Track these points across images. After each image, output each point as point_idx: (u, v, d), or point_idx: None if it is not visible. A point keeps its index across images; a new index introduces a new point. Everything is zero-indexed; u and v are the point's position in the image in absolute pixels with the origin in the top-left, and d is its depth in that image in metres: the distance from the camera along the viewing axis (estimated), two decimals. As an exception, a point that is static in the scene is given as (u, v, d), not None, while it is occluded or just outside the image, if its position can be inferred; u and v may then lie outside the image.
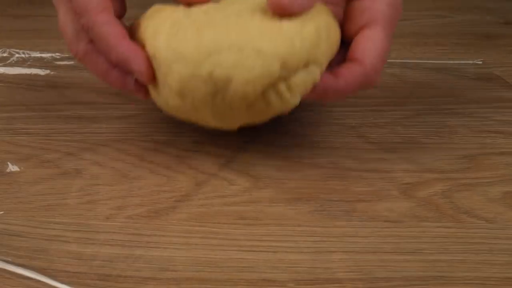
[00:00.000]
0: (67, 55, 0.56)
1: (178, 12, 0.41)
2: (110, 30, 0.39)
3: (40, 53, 0.56)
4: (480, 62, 0.56)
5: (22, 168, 0.43)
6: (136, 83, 0.40)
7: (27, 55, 0.56)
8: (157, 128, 0.48)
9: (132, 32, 0.42)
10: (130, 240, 0.38)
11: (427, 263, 0.37)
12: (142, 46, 0.41)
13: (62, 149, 0.45)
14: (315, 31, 0.39)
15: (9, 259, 0.37)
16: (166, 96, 0.40)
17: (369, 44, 0.41)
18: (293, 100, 0.39)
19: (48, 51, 0.57)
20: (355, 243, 0.38)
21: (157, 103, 0.42)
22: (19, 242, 0.38)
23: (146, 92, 0.41)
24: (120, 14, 0.42)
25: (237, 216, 0.40)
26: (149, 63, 0.39)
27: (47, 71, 0.54)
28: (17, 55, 0.56)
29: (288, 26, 0.38)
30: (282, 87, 0.39)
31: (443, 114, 0.50)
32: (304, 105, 0.43)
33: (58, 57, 0.56)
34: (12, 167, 0.43)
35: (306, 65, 0.39)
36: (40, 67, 0.55)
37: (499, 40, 0.60)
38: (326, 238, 0.39)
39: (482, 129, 0.48)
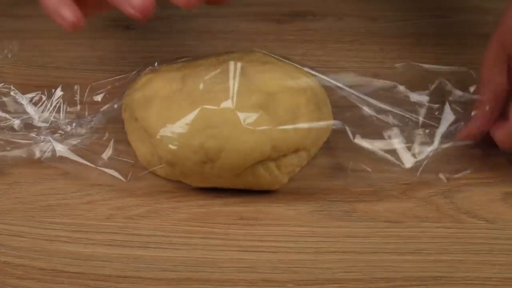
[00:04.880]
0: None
1: (171, 82, 0.41)
2: None
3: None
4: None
5: (22, 168, 0.43)
6: None
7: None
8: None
9: (126, 104, 0.44)
10: (130, 240, 0.38)
11: (427, 263, 0.37)
12: (135, 118, 0.42)
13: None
14: (308, 123, 0.40)
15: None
16: (156, 164, 0.41)
17: None
18: (282, 178, 0.41)
19: (49, 51, 0.57)
20: (355, 243, 0.38)
21: (146, 166, 0.43)
22: (19, 242, 0.38)
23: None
24: None
25: (237, 216, 0.40)
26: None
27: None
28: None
29: (284, 112, 0.40)
30: (272, 165, 0.40)
31: (443, 114, 0.49)
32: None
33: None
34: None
35: (295, 151, 0.40)
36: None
37: (499, 40, 0.60)
38: (326, 238, 0.39)
39: (482, 129, 0.48)
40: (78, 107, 0.46)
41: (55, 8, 0.36)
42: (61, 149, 0.42)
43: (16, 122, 0.45)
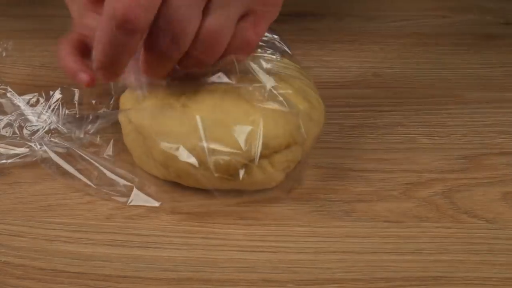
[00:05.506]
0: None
1: (165, 84, 0.41)
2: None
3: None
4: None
5: (22, 168, 0.43)
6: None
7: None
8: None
9: (121, 105, 0.44)
10: (130, 240, 0.38)
11: (427, 263, 0.37)
12: (129, 119, 0.42)
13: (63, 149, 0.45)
14: (297, 117, 0.40)
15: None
16: (151, 166, 0.41)
17: None
18: (277, 175, 0.41)
19: (48, 51, 0.57)
20: (355, 243, 0.38)
21: (142, 167, 0.43)
22: (19, 242, 0.38)
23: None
24: None
25: (237, 216, 0.40)
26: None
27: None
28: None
29: (273, 108, 0.40)
30: (265, 162, 0.40)
31: (443, 114, 0.50)
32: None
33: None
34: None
35: (288, 146, 0.40)
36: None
37: (499, 40, 0.60)
38: (326, 238, 0.39)
39: (482, 129, 0.48)
40: (77, 108, 0.46)
41: (74, 75, 0.42)
42: (56, 155, 0.43)
43: (14, 125, 0.45)
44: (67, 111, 0.46)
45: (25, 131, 0.45)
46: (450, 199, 0.41)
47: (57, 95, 0.47)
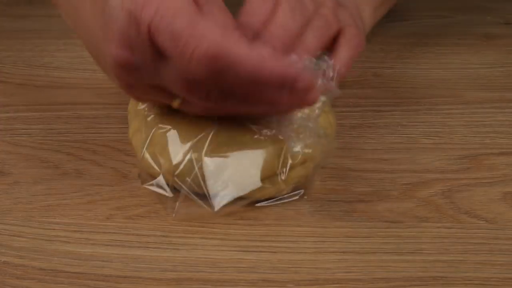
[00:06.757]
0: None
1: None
2: None
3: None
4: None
5: (22, 168, 0.43)
6: None
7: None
8: (157, 128, 0.48)
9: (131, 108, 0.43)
10: (130, 240, 0.38)
11: (427, 263, 0.37)
12: (141, 116, 0.41)
13: (62, 149, 0.45)
14: (316, 140, 0.40)
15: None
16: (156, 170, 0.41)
17: None
18: (286, 188, 0.41)
19: (49, 51, 0.57)
20: (355, 243, 0.38)
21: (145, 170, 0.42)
22: (19, 242, 0.38)
23: None
24: None
25: (237, 216, 0.40)
26: None
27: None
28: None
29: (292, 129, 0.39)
30: (278, 178, 0.40)
31: (443, 114, 0.50)
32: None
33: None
34: None
35: (303, 163, 0.40)
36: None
37: (499, 40, 0.60)
38: (326, 238, 0.39)
39: (482, 129, 0.48)
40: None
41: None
42: None
43: None
44: None
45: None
46: (450, 199, 0.41)
47: None
